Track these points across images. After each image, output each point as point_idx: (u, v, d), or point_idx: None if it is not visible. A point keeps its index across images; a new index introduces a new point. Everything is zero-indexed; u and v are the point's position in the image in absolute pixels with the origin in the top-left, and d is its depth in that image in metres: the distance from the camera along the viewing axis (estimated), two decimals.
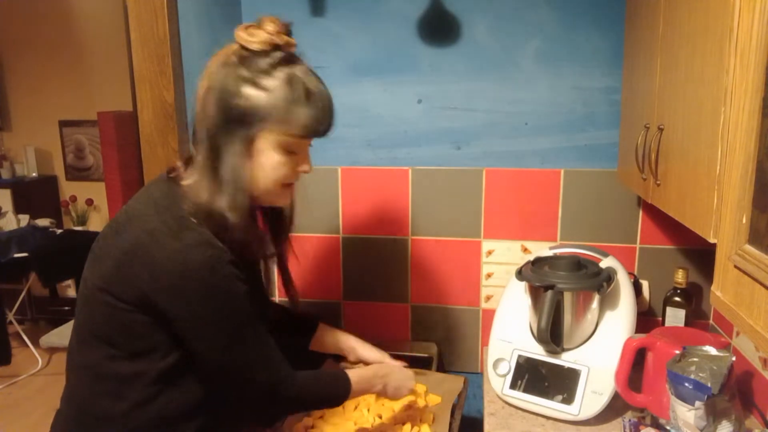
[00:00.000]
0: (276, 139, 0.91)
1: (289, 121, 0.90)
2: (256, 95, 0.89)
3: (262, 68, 0.89)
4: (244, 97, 0.89)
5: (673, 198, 1.00)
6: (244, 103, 0.89)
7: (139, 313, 0.89)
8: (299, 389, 1.01)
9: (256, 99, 0.89)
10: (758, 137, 0.67)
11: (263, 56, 0.90)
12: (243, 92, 0.88)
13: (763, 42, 0.66)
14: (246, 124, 0.89)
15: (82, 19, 3.87)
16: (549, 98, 1.59)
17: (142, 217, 0.91)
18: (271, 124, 0.90)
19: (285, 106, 0.89)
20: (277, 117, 0.89)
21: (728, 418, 1.05)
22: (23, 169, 4.09)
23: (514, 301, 1.42)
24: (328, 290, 1.81)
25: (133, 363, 0.91)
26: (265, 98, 0.89)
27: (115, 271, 0.89)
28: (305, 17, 1.66)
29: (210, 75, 0.91)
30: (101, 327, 0.92)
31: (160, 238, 0.87)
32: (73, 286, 3.85)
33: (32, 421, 2.80)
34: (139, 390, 0.91)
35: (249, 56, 0.90)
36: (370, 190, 1.73)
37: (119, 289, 0.89)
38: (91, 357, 0.93)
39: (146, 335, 0.90)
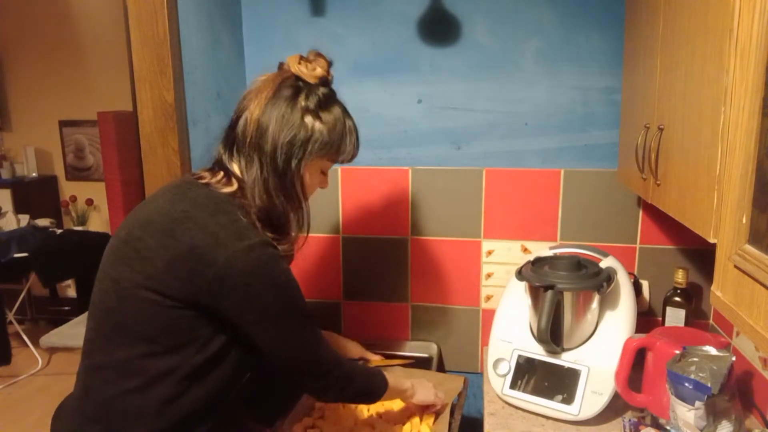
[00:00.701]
0: (323, 163, 1.07)
1: (340, 151, 1.07)
2: (317, 127, 1.02)
3: (320, 101, 1.02)
4: (306, 127, 1.01)
5: (673, 198, 1.00)
6: (306, 133, 1.01)
7: (188, 309, 0.93)
8: (349, 375, 1.11)
9: (317, 129, 1.02)
10: (758, 137, 0.67)
11: (316, 89, 1.03)
12: (306, 122, 1.01)
13: (763, 42, 0.66)
14: (305, 149, 1.01)
15: (82, 18, 3.87)
16: (549, 98, 1.59)
17: (195, 219, 0.95)
18: (325, 152, 1.04)
19: (339, 139, 1.05)
20: (332, 147, 1.05)
21: (728, 418, 1.05)
22: (23, 169, 4.09)
23: (514, 301, 1.42)
24: (328, 290, 1.81)
25: (167, 359, 0.94)
26: (325, 130, 1.03)
27: (168, 270, 0.92)
28: (305, 17, 1.66)
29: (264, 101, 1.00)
30: (140, 325, 0.94)
31: (223, 239, 0.92)
32: (73, 286, 3.85)
33: (32, 421, 2.80)
34: (170, 386, 0.94)
35: (304, 88, 1.02)
36: (370, 190, 1.73)
37: (173, 289, 0.92)
38: (120, 355, 0.94)
39: (189, 329, 0.94)
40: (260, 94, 1.01)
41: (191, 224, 0.93)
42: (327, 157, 1.06)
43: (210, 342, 0.96)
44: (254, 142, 1.00)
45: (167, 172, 1.41)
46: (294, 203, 1.03)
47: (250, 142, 1.00)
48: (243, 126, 1.01)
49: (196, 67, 1.48)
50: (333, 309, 1.82)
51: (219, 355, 0.97)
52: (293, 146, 1.00)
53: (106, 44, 3.80)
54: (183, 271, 0.91)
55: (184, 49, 1.42)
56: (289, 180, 1.01)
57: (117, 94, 3.74)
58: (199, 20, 1.49)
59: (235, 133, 1.02)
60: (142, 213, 1.00)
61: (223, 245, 0.91)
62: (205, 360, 0.96)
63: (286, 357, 1.02)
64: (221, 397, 1.01)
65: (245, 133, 1.00)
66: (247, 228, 0.96)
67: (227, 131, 1.05)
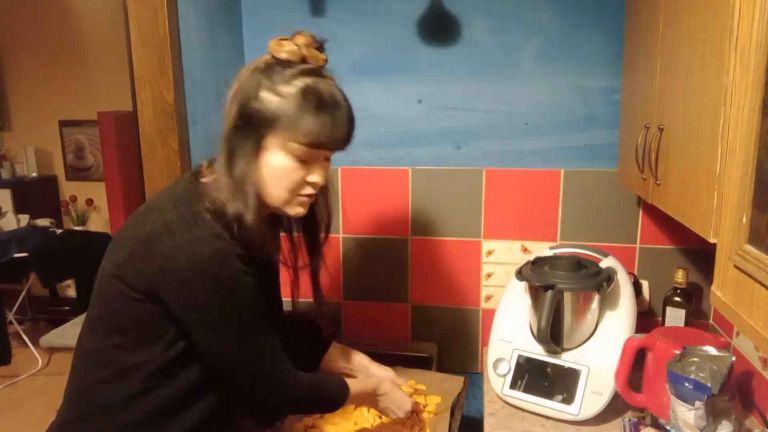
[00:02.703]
0: (284, 144, 0.94)
1: (296, 128, 0.92)
2: (271, 99, 0.92)
3: (284, 77, 0.93)
4: (260, 101, 0.93)
5: (673, 198, 1.00)
6: (259, 106, 0.92)
7: (149, 302, 0.91)
8: (300, 390, 1.03)
9: (269, 103, 0.92)
10: (758, 137, 0.67)
11: (288, 66, 0.94)
12: (260, 96, 0.93)
13: (763, 42, 0.66)
14: (256, 125, 0.93)
15: (82, 19, 3.87)
16: (549, 98, 1.59)
17: (161, 209, 0.94)
18: (278, 128, 0.93)
19: (293, 113, 0.92)
20: (284, 122, 0.92)
21: (728, 418, 1.05)
22: (23, 169, 4.09)
23: (514, 301, 1.42)
24: (329, 290, 1.81)
25: (136, 353, 0.93)
26: (278, 103, 0.92)
27: (129, 259, 0.91)
28: (305, 17, 1.66)
29: (239, 80, 0.96)
30: (113, 314, 0.94)
31: (174, 229, 0.89)
32: (73, 286, 3.85)
33: (32, 421, 2.80)
34: (136, 382, 0.93)
35: (275, 65, 0.94)
36: (370, 190, 1.73)
37: (132, 278, 0.91)
38: (98, 344, 0.96)
39: (154, 325, 0.93)
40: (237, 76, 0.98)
41: (157, 214, 0.93)
42: (285, 135, 0.93)
43: (176, 341, 0.94)
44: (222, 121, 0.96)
45: (167, 172, 1.41)
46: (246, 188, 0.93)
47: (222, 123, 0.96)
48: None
49: (196, 67, 1.48)
50: (333, 309, 1.81)
51: (186, 356, 0.95)
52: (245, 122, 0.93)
53: (106, 44, 3.80)
54: (138, 259, 0.90)
55: (184, 49, 1.42)
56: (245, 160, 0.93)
57: (117, 94, 3.74)
58: (199, 20, 1.49)
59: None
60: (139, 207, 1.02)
61: (171, 234, 0.88)
62: (172, 358, 0.94)
63: (228, 367, 0.96)
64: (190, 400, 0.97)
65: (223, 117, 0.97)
66: (203, 219, 0.91)
67: None
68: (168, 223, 0.90)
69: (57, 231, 3.51)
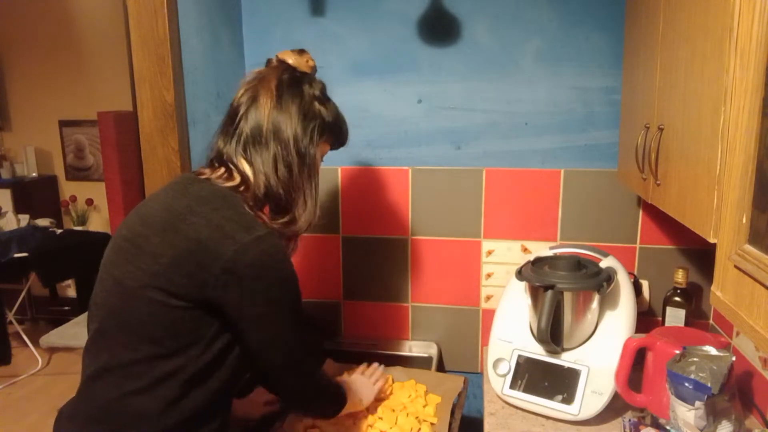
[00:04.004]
0: (325, 147, 1.13)
1: (341, 136, 1.15)
2: (324, 112, 1.08)
3: (321, 89, 1.10)
4: (318, 113, 1.07)
5: (673, 198, 1.00)
6: (317, 118, 1.07)
7: (194, 308, 0.92)
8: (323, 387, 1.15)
9: (325, 115, 1.08)
10: (758, 137, 0.67)
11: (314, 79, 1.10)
12: (315, 108, 1.07)
13: (763, 42, 0.66)
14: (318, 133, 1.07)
15: (82, 19, 3.87)
16: (549, 98, 1.59)
17: (199, 213, 0.94)
18: (329, 136, 1.11)
19: (336, 121, 1.12)
20: (335, 131, 1.12)
21: (728, 418, 1.05)
22: (23, 169, 4.09)
23: (514, 301, 1.42)
24: (328, 290, 1.81)
25: (173, 360, 0.92)
26: (331, 115, 1.10)
27: (173, 266, 0.91)
28: (305, 17, 1.66)
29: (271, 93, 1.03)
30: (145, 326, 0.92)
31: (230, 231, 0.92)
32: (73, 286, 3.85)
33: (32, 421, 2.80)
34: (173, 388, 0.93)
35: (304, 78, 1.08)
36: (370, 190, 1.73)
37: (178, 286, 0.91)
38: (125, 357, 0.93)
39: (194, 329, 0.93)
40: (265, 88, 1.04)
41: (195, 218, 0.93)
42: (330, 141, 1.13)
43: (214, 342, 0.95)
44: (271, 132, 1.02)
45: (167, 172, 1.41)
46: (313, 184, 1.07)
47: (265, 134, 1.02)
48: (254, 120, 1.02)
49: (196, 67, 1.48)
50: (333, 309, 1.82)
51: (222, 355, 0.97)
52: (308, 131, 1.04)
53: (106, 44, 3.80)
54: (189, 266, 0.91)
55: (184, 49, 1.42)
56: (308, 163, 1.05)
57: (117, 94, 3.74)
58: (199, 20, 1.50)
59: (240, 129, 1.03)
60: (144, 211, 1.00)
61: (230, 237, 0.91)
62: (209, 360, 0.95)
63: (275, 357, 1.01)
64: (223, 397, 1.00)
65: (258, 126, 1.02)
66: (254, 219, 0.96)
67: (227, 127, 1.05)
68: (219, 227, 0.92)
69: (57, 231, 3.51)
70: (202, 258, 0.90)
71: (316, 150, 1.07)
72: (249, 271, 0.92)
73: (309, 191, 1.07)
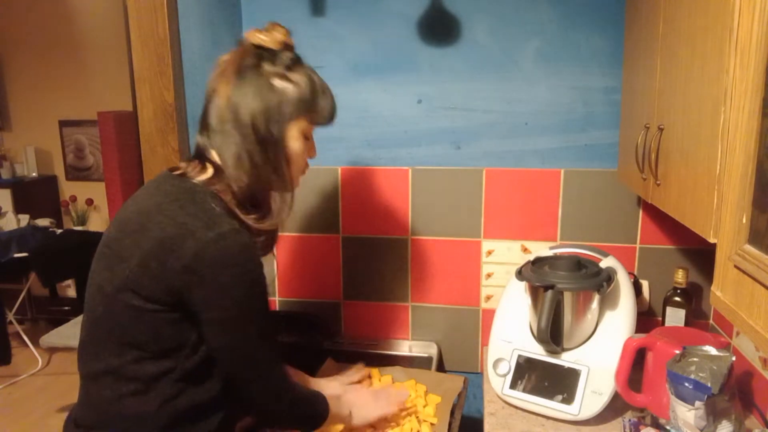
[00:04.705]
0: (302, 125, 1.01)
1: (316, 110, 1.02)
2: (288, 88, 0.98)
3: (285, 64, 0.98)
4: (278, 90, 0.97)
5: (673, 198, 1.00)
6: (279, 96, 0.97)
7: (168, 312, 0.90)
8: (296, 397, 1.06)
9: (289, 91, 0.98)
10: (758, 137, 0.67)
11: (280, 54, 0.99)
12: (276, 85, 0.97)
13: (763, 42, 0.66)
14: (281, 112, 0.97)
15: (82, 19, 3.87)
16: (549, 98, 1.59)
17: (165, 212, 0.91)
18: (301, 112, 0.99)
19: (312, 97, 1.00)
20: (306, 105, 1.00)
21: (728, 418, 1.05)
22: (23, 169, 4.09)
23: (514, 301, 1.42)
24: (328, 290, 1.81)
25: (159, 362, 0.92)
26: (296, 90, 0.98)
27: (141, 270, 0.89)
28: (305, 17, 1.66)
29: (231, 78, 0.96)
30: (125, 331, 0.91)
31: (192, 229, 0.88)
32: (73, 286, 3.85)
33: (32, 421, 2.80)
34: (167, 386, 0.92)
35: (267, 55, 0.98)
36: (370, 190, 1.73)
37: (147, 288, 0.89)
38: (114, 362, 0.93)
39: (174, 335, 0.91)
40: (226, 72, 0.97)
41: (161, 217, 0.91)
42: (305, 117, 1.01)
43: (200, 346, 0.93)
44: (230, 119, 0.96)
45: None
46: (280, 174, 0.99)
47: (225, 120, 0.96)
48: (216, 108, 0.97)
49: (196, 67, 1.48)
50: (333, 309, 1.82)
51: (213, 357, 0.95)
52: (269, 112, 0.96)
53: (106, 44, 3.80)
54: (154, 266, 0.88)
55: (184, 49, 1.42)
56: (272, 148, 0.97)
57: (117, 94, 3.74)
58: (199, 20, 1.49)
59: (207, 118, 0.99)
60: (121, 213, 0.98)
61: (192, 235, 0.87)
62: (200, 361, 0.94)
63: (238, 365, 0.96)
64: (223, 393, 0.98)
65: (219, 114, 0.96)
66: (219, 216, 0.91)
67: (201, 119, 1.02)
68: (182, 224, 0.89)
69: (57, 231, 3.51)
70: (166, 258, 0.87)
71: (284, 132, 0.98)
72: (210, 271, 0.87)
73: (278, 180, 1.00)
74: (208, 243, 0.87)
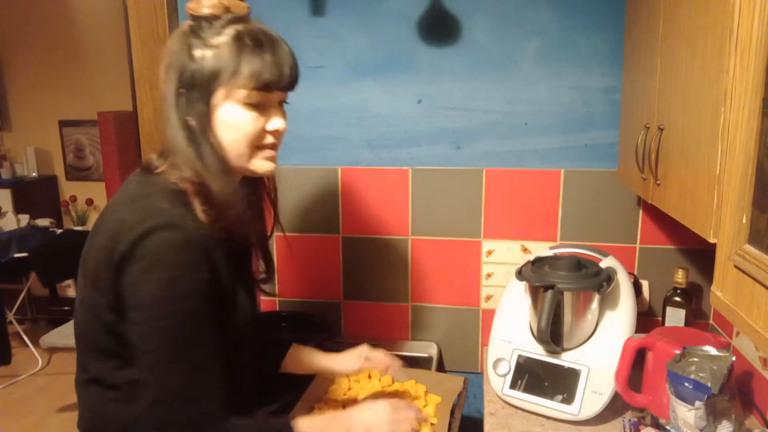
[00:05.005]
0: (232, 94, 0.87)
1: (239, 73, 0.86)
2: (206, 55, 0.86)
3: (213, 30, 0.87)
4: (196, 60, 0.86)
5: (673, 198, 1.00)
6: (196, 65, 0.86)
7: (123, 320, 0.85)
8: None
9: (205, 59, 0.86)
10: (758, 137, 0.67)
11: (214, 20, 0.87)
12: (195, 55, 0.86)
13: (763, 42, 0.66)
14: (199, 86, 0.86)
15: (82, 19, 3.87)
16: (549, 98, 1.59)
17: (115, 212, 0.88)
18: (222, 80, 0.86)
19: (233, 59, 0.86)
20: (226, 71, 0.86)
21: (728, 418, 1.05)
22: (23, 169, 4.09)
23: (514, 301, 1.42)
24: (328, 290, 1.81)
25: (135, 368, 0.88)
26: (214, 55, 0.86)
27: (95, 272, 0.86)
28: (305, 17, 1.66)
29: (167, 51, 0.89)
30: (99, 340, 0.89)
31: (129, 223, 0.83)
32: (73, 286, 3.85)
33: (32, 421, 2.80)
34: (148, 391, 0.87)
35: (199, 23, 0.88)
36: (370, 190, 1.73)
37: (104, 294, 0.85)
38: (97, 369, 0.92)
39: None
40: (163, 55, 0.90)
41: (110, 218, 0.87)
42: (232, 84, 0.86)
43: None
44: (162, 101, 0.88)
45: None
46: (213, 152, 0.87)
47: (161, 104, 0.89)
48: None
49: None
50: (333, 309, 1.82)
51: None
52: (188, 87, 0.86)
53: (106, 44, 3.80)
54: (103, 269, 0.84)
55: None
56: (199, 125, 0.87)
57: (117, 94, 3.74)
58: None
59: None
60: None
61: (127, 230, 0.82)
62: None
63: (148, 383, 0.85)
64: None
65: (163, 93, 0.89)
66: (159, 208, 0.84)
67: None
68: (123, 221, 0.84)
69: (57, 231, 3.51)
70: (109, 258, 0.83)
71: (210, 104, 0.87)
72: (133, 268, 0.80)
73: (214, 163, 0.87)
74: (136, 237, 0.81)
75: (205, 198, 0.87)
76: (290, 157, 1.73)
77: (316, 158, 1.73)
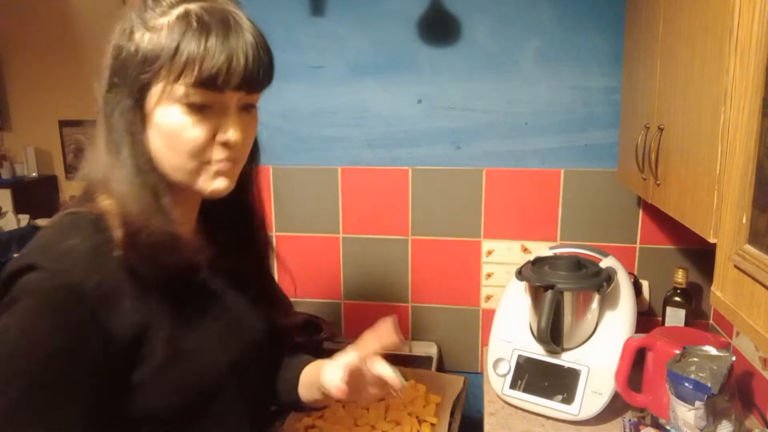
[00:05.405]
0: (170, 91, 0.67)
1: (177, 63, 0.65)
2: (145, 38, 0.67)
3: (161, 8, 0.68)
4: (133, 44, 0.68)
5: (673, 198, 1.00)
6: (132, 48, 0.68)
7: None
8: None
9: (142, 42, 0.67)
10: (758, 137, 0.67)
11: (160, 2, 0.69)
12: (133, 38, 0.68)
13: (763, 42, 0.65)
14: (132, 76, 0.68)
15: (82, 19, 3.87)
16: (549, 98, 1.59)
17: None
18: (158, 70, 0.66)
19: (170, 44, 0.65)
20: (163, 60, 0.65)
21: (728, 418, 1.05)
22: (23, 169, 4.09)
23: (514, 301, 1.42)
24: (328, 290, 1.81)
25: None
26: (153, 38, 0.66)
27: None
28: (305, 17, 1.66)
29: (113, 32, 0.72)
30: None
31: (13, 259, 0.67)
32: None
33: None
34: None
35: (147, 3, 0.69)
36: (370, 190, 1.73)
37: None
38: None
39: None
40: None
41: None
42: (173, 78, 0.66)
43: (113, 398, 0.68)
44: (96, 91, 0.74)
45: None
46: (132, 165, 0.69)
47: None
48: None
49: None
50: (333, 309, 1.81)
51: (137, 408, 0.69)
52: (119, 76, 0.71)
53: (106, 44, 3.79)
54: None
55: None
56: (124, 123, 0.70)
57: None
58: None
59: None
60: None
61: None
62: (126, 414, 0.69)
63: None
64: None
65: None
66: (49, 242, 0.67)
67: None
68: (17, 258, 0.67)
69: None
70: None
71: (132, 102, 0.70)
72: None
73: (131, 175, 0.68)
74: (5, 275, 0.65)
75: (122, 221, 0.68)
76: (290, 157, 1.73)
77: (316, 158, 1.73)
